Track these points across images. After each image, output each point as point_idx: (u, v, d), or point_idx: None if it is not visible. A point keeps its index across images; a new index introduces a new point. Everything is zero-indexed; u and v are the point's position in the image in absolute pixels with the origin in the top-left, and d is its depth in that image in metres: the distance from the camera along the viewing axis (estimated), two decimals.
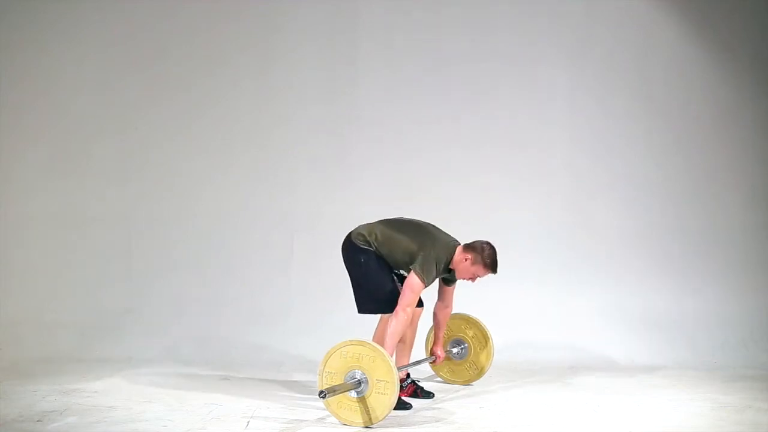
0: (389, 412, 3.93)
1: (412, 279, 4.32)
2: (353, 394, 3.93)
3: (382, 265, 4.47)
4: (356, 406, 3.94)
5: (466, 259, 4.43)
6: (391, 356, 4.13)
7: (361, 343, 3.97)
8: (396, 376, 3.90)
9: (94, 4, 6.25)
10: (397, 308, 4.29)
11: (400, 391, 4.52)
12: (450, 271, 4.51)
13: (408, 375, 4.64)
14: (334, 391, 3.89)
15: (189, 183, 6.25)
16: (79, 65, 6.25)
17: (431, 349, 4.90)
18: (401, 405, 4.30)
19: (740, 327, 6.03)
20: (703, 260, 6.25)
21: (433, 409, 4.35)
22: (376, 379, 3.89)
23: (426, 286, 4.38)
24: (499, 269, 4.46)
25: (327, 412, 4.15)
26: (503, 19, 6.34)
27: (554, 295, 6.14)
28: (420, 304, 4.59)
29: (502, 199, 6.26)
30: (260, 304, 6.05)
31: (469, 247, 4.44)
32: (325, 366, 3.99)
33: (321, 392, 3.84)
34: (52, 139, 6.23)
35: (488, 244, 4.45)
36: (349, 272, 4.58)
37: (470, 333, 5.04)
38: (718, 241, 6.29)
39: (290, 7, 6.30)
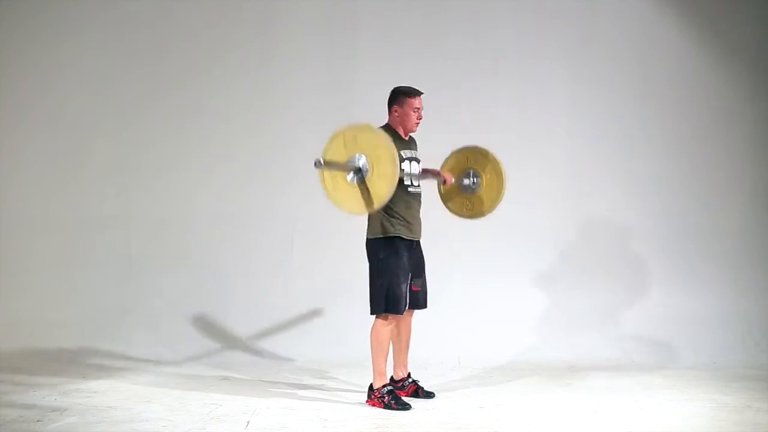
0: (387, 198, 3.90)
1: None
2: (352, 178, 3.90)
3: (400, 263, 4.35)
4: (355, 190, 3.91)
5: (396, 112, 4.46)
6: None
7: (366, 128, 3.94)
8: (396, 161, 3.84)
9: (92, 4, 6.26)
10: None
11: (401, 391, 4.53)
12: (408, 141, 4.49)
13: (409, 375, 4.64)
14: (331, 165, 3.86)
15: (188, 183, 6.25)
16: (77, 65, 6.26)
17: (440, 171, 4.78)
18: (401, 405, 4.30)
19: (740, 327, 6.03)
20: (703, 260, 6.25)
21: (434, 409, 4.35)
22: (378, 165, 3.84)
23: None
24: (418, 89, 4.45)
25: (328, 412, 4.16)
26: (504, 15, 6.34)
27: (554, 295, 6.15)
28: (418, 306, 4.57)
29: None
30: (260, 303, 6.05)
31: (390, 106, 4.48)
32: (328, 147, 3.95)
33: (316, 161, 3.81)
34: (52, 140, 6.23)
35: (393, 88, 4.50)
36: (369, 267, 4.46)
37: (485, 167, 4.82)
38: (718, 241, 6.28)
39: (288, 6, 6.30)
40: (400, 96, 4.47)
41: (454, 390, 4.81)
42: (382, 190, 3.88)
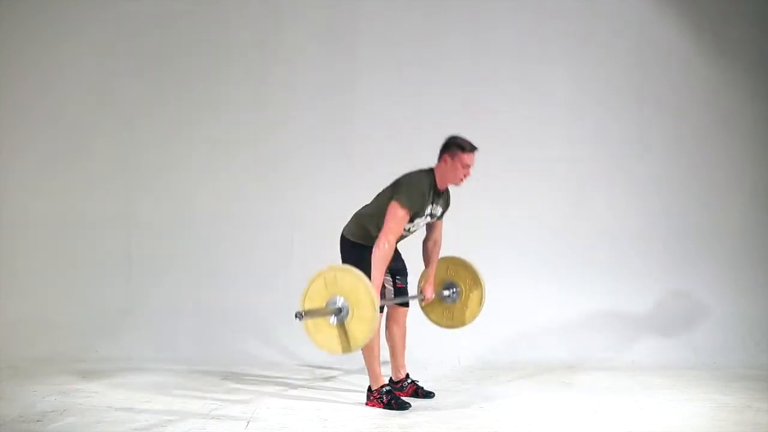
0: (366, 342, 3.87)
1: (392, 206, 4.18)
2: (333, 320, 3.87)
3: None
4: (335, 332, 3.87)
5: (445, 161, 4.34)
6: (378, 287, 4.05)
7: (346, 270, 3.88)
8: (376, 305, 3.79)
9: (92, 4, 6.25)
10: (379, 236, 4.16)
11: (401, 392, 4.53)
12: (440, 195, 4.41)
13: (407, 375, 4.64)
14: (311, 314, 3.84)
15: (188, 183, 6.25)
16: (77, 66, 6.24)
17: (421, 287, 4.73)
18: (401, 405, 4.30)
19: (740, 327, 6.03)
20: (703, 260, 6.25)
21: (433, 409, 4.35)
22: (357, 308, 3.80)
23: (411, 213, 4.22)
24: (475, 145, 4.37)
25: (328, 412, 4.16)
26: (504, 14, 6.34)
27: (554, 295, 6.14)
28: (405, 304, 4.57)
29: (502, 197, 6.26)
30: (260, 303, 6.05)
31: (442, 152, 4.37)
32: (309, 288, 3.91)
33: (297, 313, 3.77)
34: (52, 140, 6.22)
35: (451, 136, 4.39)
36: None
37: (464, 278, 4.82)
38: (718, 240, 6.29)
39: (289, 8, 6.30)
40: (454, 147, 4.34)
41: (454, 390, 4.81)
42: (361, 334, 3.83)
